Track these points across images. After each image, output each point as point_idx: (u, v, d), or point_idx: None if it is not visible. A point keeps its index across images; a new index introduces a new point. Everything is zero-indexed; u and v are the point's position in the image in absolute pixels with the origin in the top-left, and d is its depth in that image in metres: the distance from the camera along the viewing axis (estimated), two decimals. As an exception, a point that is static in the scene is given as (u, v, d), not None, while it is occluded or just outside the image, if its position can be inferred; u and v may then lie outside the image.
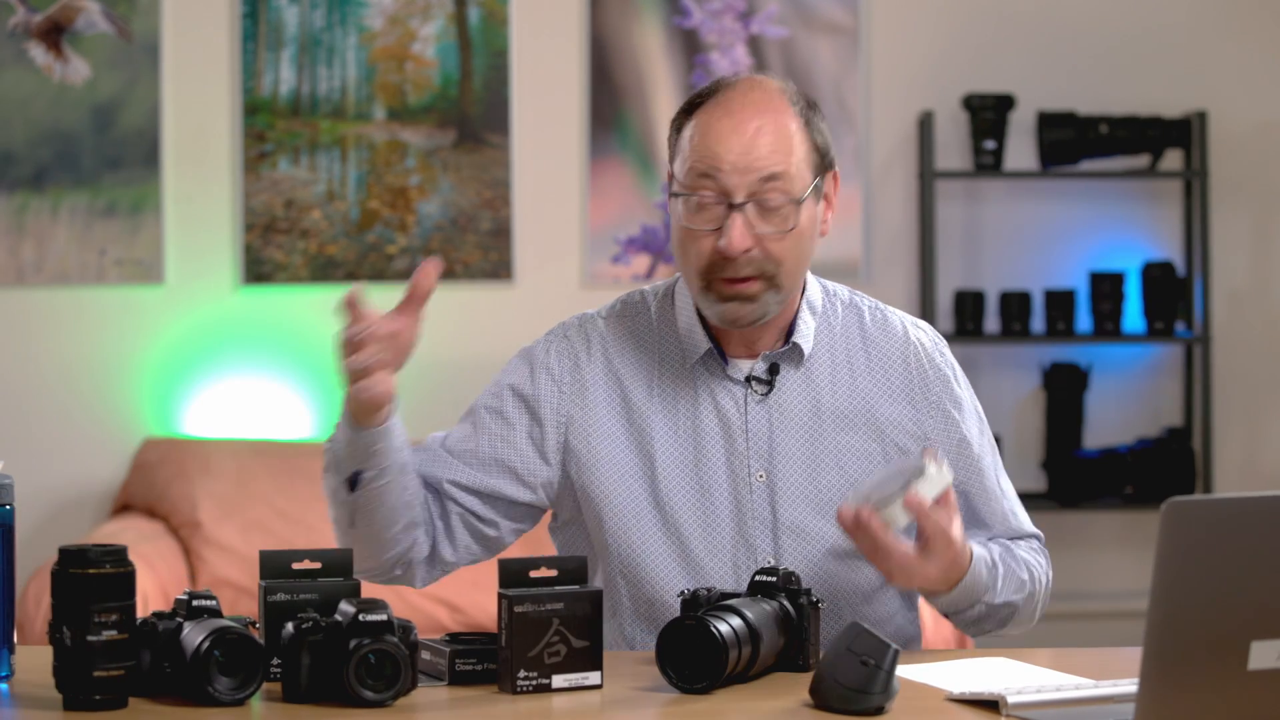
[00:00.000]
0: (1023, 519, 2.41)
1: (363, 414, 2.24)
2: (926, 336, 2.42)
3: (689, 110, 2.30)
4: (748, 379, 2.33)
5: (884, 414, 2.35)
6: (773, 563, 2.28)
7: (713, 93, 2.29)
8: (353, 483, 2.26)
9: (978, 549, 2.23)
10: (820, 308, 2.38)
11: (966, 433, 2.37)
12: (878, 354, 2.38)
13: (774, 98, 2.27)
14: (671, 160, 2.31)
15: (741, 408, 2.32)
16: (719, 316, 2.28)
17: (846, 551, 2.28)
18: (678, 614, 2.04)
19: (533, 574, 1.99)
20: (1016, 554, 2.34)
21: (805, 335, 2.34)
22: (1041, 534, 2.43)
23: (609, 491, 2.32)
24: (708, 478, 2.31)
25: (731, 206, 2.22)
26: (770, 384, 2.33)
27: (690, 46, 5.11)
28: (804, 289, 2.37)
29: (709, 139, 2.24)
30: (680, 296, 2.38)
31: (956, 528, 2.15)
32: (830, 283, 2.43)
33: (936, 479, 2.13)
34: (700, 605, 2.04)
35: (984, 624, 2.29)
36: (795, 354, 2.34)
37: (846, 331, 2.38)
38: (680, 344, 2.36)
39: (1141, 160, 5.12)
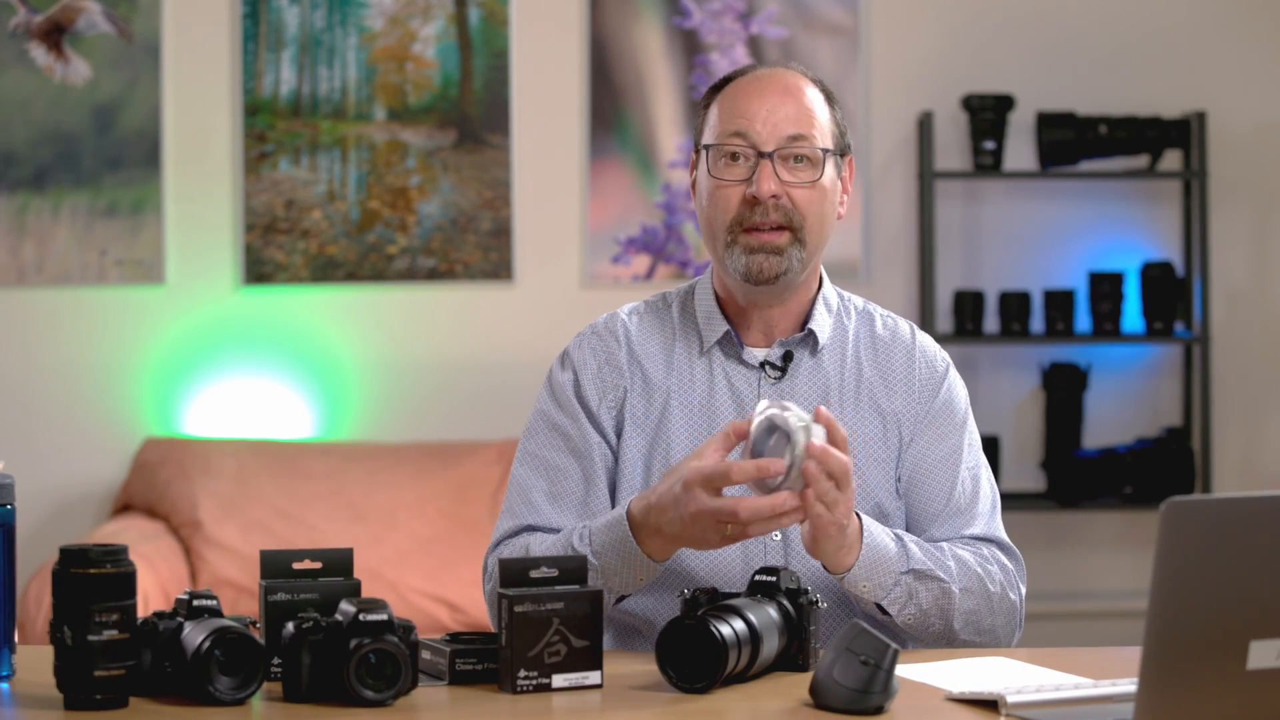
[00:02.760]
0: (994, 525, 2.41)
1: (669, 553, 2.20)
2: (931, 343, 2.50)
3: (717, 88, 2.44)
4: (762, 364, 2.41)
5: (887, 402, 2.42)
6: (779, 536, 2.33)
7: (740, 72, 2.44)
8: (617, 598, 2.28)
9: (867, 519, 2.24)
10: (835, 308, 2.48)
11: (950, 422, 2.43)
12: (884, 352, 2.46)
13: (801, 76, 2.43)
14: (699, 135, 2.43)
15: (755, 390, 2.40)
16: (745, 270, 2.35)
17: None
18: (690, 585, 2.06)
19: (533, 574, 2.00)
20: (938, 543, 2.34)
21: (821, 325, 2.43)
22: (1016, 550, 2.42)
23: (624, 467, 2.38)
24: None
25: (761, 155, 2.34)
26: (783, 370, 2.40)
27: (690, 47, 5.11)
28: (820, 284, 2.46)
29: (739, 100, 2.39)
30: (700, 290, 2.47)
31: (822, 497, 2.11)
32: (845, 291, 2.52)
33: (794, 426, 2.09)
34: (700, 605, 2.04)
35: (930, 619, 2.27)
36: (810, 341, 2.43)
37: (858, 333, 2.47)
38: (699, 331, 2.44)
39: (1140, 161, 5.12)
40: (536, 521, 2.36)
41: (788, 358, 2.41)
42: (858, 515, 2.22)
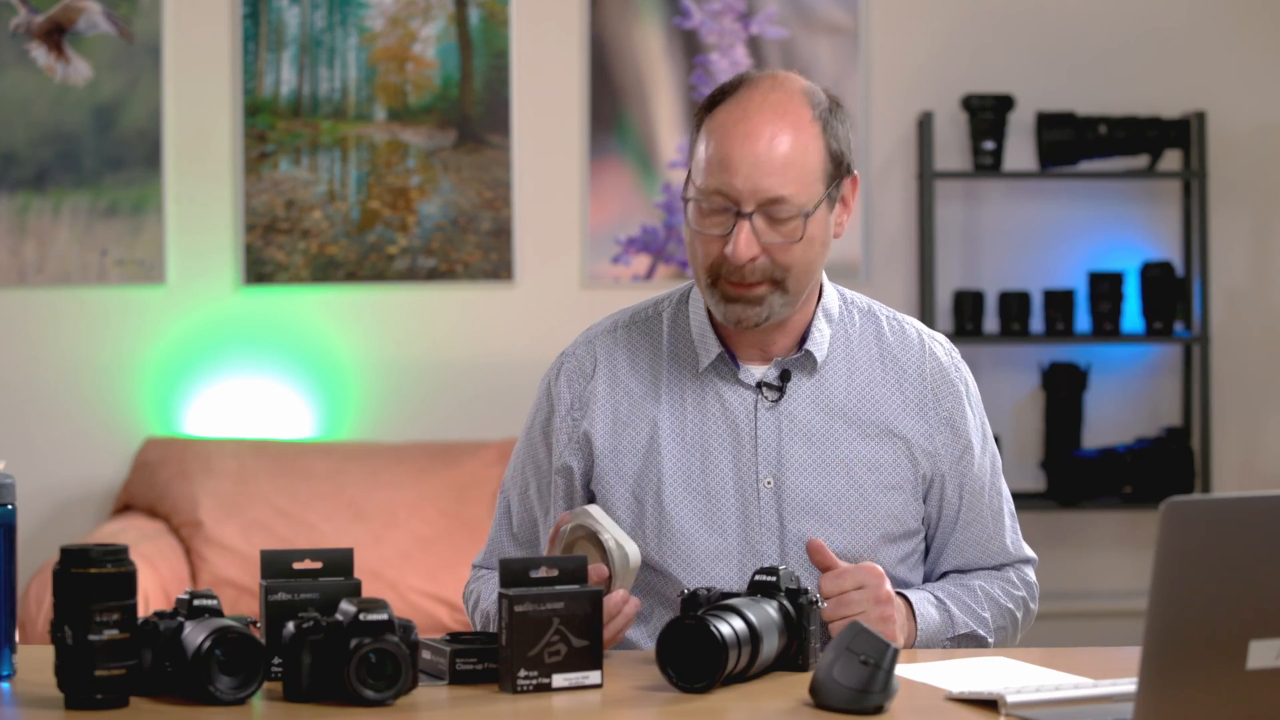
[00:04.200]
0: (1016, 543, 2.41)
1: None
2: (942, 349, 2.41)
3: (710, 106, 2.28)
4: (759, 385, 2.33)
5: (899, 425, 2.34)
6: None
7: (734, 89, 2.27)
8: None
9: (914, 595, 2.25)
10: (837, 316, 2.37)
11: (971, 452, 2.37)
12: (894, 364, 2.37)
13: (794, 100, 2.25)
14: (692, 155, 2.29)
15: (751, 414, 2.32)
16: (724, 316, 2.27)
17: (852, 559, 2.28)
18: (676, 596, 2.07)
19: (533, 574, 2.00)
20: (971, 585, 2.34)
21: (819, 344, 2.33)
22: (1035, 557, 2.43)
23: (612, 501, 2.33)
24: (714, 484, 2.31)
25: (739, 215, 2.21)
26: (781, 390, 2.32)
27: (690, 47, 5.11)
28: (820, 295, 2.36)
29: (725, 142, 2.22)
30: (694, 301, 2.38)
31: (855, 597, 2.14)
32: (849, 291, 2.42)
33: None
34: (700, 605, 2.04)
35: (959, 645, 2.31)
36: (808, 362, 2.34)
37: (864, 340, 2.37)
38: (692, 348, 2.36)
39: (1140, 161, 5.12)
40: (504, 555, 2.38)
41: (785, 377, 2.32)
42: (903, 597, 2.21)
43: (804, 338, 2.33)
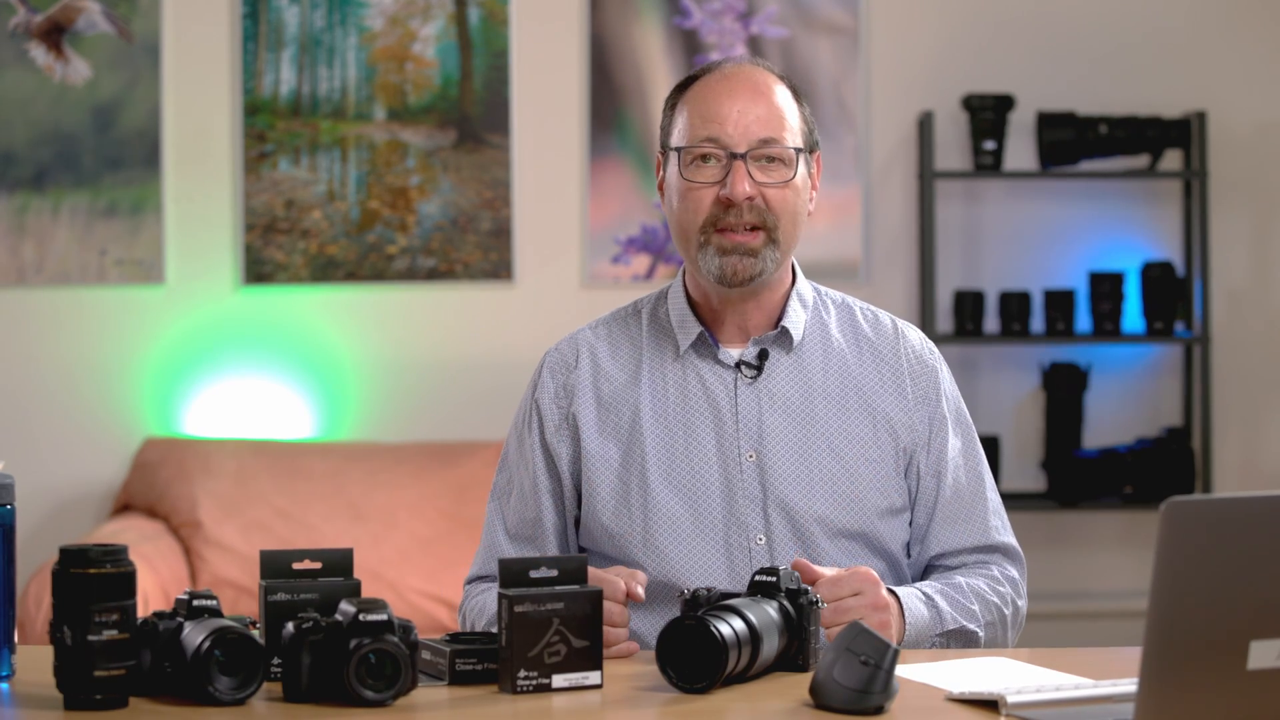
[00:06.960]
0: (998, 528, 2.42)
1: None
2: (915, 335, 2.48)
3: (683, 88, 2.41)
4: (738, 364, 2.39)
5: (878, 402, 2.40)
6: (764, 540, 2.33)
7: (706, 70, 2.41)
8: None
9: (902, 592, 2.25)
10: (811, 304, 2.45)
11: (946, 429, 2.42)
12: (869, 347, 2.44)
13: (765, 73, 2.40)
14: (667, 136, 2.41)
15: (731, 391, 2.38)
16: (719, 272, 2.34)
17: (838, 530, 2.33)
18: (676, 596, 2.07)
19: (533, 574, 2.00)
20: (956, 581, 2.34)
21: (795, 322, 2.41)
22: (1017, 547, 2.44)
23: (597, 483, 2.37)
24: (697, 459, 2.36)
25: (734, 157, 2.32)
26: (759, 368, 2.38)
27: (690, 47, 5.11)
28: (794, 281, 2.44)
29: (709, 101, 2.36)
30: (673, 293, 2.45)
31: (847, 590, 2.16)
32: (823, 286, 2.50)
33: None
34: (700, 605, 2.04)
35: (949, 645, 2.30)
36: (785, 339, 2.41)
37: (840, 326, 2.45)
38: (672, 336, 2.43)
39: (1141, 160, 5.12)
40: (502, 556, 2.39)
41: (763, 356, 2.39)
42: (893, 593, 2.22)
43: (780, 317, 2.41)
